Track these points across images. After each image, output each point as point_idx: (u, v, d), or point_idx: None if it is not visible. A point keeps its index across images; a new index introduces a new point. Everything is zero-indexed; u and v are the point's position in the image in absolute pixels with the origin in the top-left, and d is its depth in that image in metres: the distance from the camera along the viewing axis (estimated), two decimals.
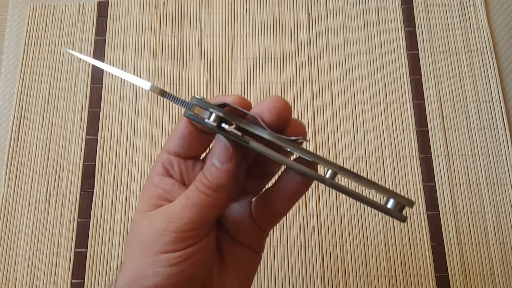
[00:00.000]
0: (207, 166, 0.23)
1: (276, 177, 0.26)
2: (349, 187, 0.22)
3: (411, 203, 0.23)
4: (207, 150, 0.26)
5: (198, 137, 0.25)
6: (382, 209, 0.23)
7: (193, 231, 0.23)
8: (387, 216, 0.42)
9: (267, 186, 0.27)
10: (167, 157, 0.25)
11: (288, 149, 0.23)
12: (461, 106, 0.45)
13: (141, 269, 0.22)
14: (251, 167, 0.27)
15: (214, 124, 0.22)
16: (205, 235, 0.23)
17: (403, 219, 0.23)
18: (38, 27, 0.49)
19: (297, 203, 0.42)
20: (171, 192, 0.24)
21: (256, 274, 0.40)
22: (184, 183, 0.25)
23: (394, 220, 0.42)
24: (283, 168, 0.26)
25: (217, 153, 0.23)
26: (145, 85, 0.24)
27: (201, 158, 0.27)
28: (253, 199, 0.26)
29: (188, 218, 0.22)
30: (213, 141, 0.24)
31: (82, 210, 0.43)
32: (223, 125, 0.23)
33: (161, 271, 0.22)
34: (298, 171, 0.22)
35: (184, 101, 0.23)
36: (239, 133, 0.23)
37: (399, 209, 0.23)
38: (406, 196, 0.43)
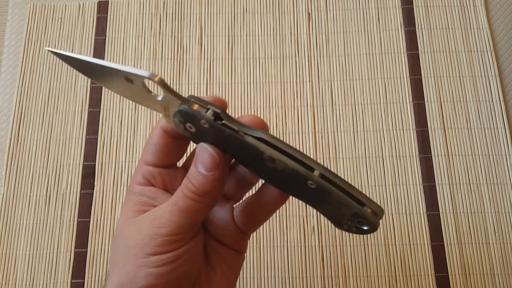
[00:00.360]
0: (192, 173, 0.24)
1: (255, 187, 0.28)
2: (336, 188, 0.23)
3: (381, 212, 0.24)
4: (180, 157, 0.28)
5: (174, 147, 0.27)
6: (359, 209, 0.23)
7: (182, 234, 0.24)
8: (387, 216, 0.42)
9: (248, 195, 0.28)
10: (146, 168, 0.27)
11: (280, 147, 0.23)
12: (461, 106, 0.45)
13: (132, 271, 0.23)
14: (230, 173, 0.28)
15: (212, 118, 0.23)
16: (193, 237, 0.25)
17: (376, 224, 0.23)
18: (38, 27, 0.49)
19: (297, 203, 0.42)
20: (155, 199, 0.26)
21: (256, 274, 0.40)
22: (167, 190, 0.27)
23: (394, 220, 0.42)
24: (261, 181, 0.27)
25: (203, 161, 0.24)
26: (143, 72, 0.22)
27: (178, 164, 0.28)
28: (234, 205, 0.28)
29: (176, 223, 0.24)
30: (196, 149, 0.25)
31: (82, 210, 0.43)
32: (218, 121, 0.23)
33: (153, 271, 0.23)
34: (288, 166, 0.23)
35: (182, 96, 0.24)
36: (235, 127, 0.23)
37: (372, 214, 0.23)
38: (406, 196, 0.43)
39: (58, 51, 0.25)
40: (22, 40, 0.49)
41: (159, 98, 0.24)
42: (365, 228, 0.25)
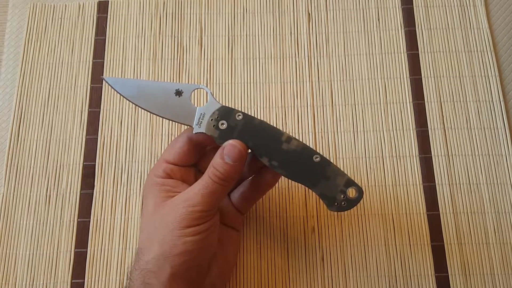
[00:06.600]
0: (220, 163, 0.31)
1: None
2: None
3: (361, 192, 0.32)
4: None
5: (193, 152, 0.34)
6: (349, 177, 0.31)
7: (210, 211, 0.31)
8: (387, 216, 0.42)
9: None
10: (167, 165, 0.33)
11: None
12: (461, 106, 0.45)
13: (172, 241, 0.30)
14: None
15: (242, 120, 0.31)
16: (216, 212, 0.33)
17: (362, 190, 0.32)
18: (38, 27, 0.49)
19: (297, 203, 0.42)
20: (176, 188, 0.33)
21: (256, 274, 0.40)
22: (184, 181, 0.34)
23: (394, 220, 0.42)
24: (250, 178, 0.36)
25: (231, 154, 0.31)
26: (192, 85, 0.32)
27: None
28: (231, 193, 0.36)
29: (207, 202, 0.30)
30: (223, 144, 0.31)
31: (82, 210, 0.43)
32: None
33: (189, 239, 0.30)
34: (300, 143, 0.31)
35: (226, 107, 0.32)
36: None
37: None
38: (406, 196, 0.43)
39: (113, 78, 0.34)
40: (22, 40, 0.49)
41: (201, 106, 0.31)
42: (356, 196, 0.31)
